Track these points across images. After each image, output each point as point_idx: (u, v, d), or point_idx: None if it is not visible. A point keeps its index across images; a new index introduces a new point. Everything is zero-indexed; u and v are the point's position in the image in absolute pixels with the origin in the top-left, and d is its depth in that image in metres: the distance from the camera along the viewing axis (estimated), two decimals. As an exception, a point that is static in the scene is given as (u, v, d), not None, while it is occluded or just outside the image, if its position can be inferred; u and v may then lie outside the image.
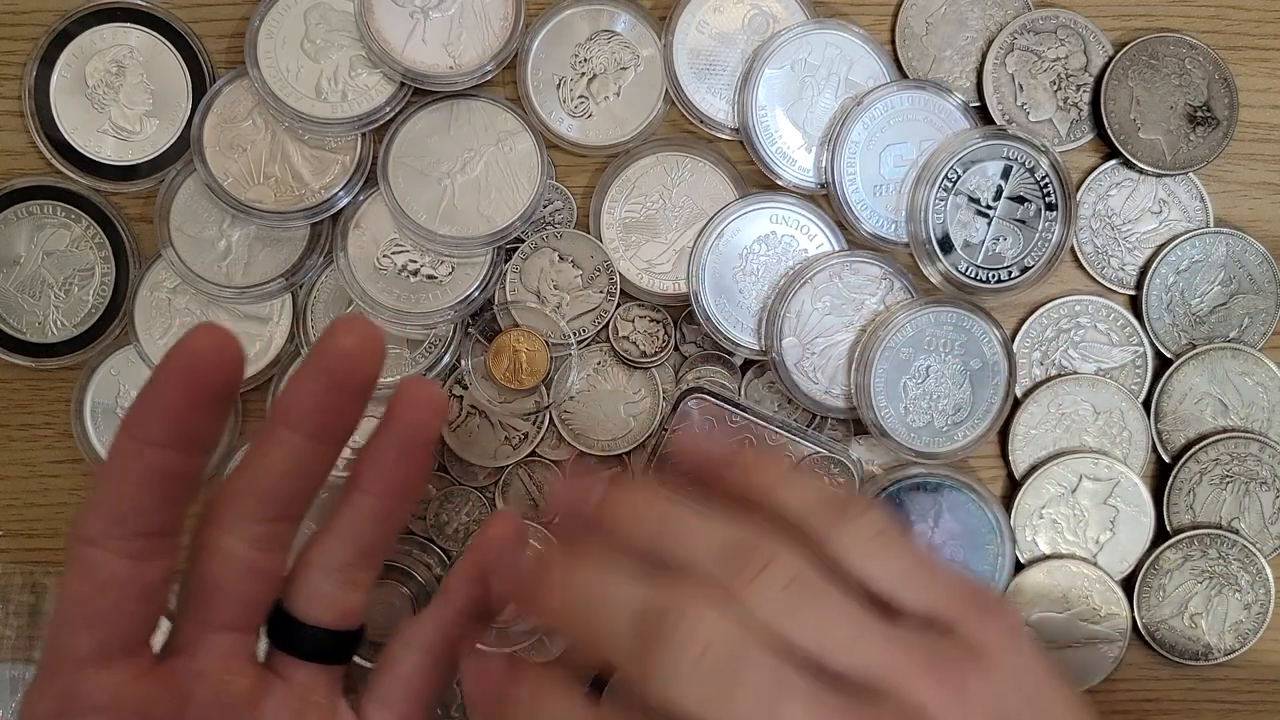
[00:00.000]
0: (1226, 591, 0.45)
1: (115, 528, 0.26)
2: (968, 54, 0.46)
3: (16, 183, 0.44)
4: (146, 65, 0.45)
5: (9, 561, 0.45)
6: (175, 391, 0.25)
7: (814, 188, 0.45)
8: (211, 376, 0.25)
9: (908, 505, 0.44)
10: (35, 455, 0.46)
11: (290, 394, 0.28)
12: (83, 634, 0.26)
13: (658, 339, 0.45)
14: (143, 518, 0.26)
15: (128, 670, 0.27)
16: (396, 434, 0.29)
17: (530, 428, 0.45)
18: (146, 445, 0.25)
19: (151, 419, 0.25)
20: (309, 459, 0.28)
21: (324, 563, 0.30)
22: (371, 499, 0.30)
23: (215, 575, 0.28)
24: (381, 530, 0.30)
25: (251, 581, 0.29)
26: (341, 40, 0.44)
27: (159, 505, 0.26)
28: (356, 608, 0.31)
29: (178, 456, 0.26)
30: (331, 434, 0.28)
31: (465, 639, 0.33)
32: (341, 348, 0.27)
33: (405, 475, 0.30)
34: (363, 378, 0.27)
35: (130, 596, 0.26)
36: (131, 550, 0.26)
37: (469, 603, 0.32)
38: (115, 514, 0.26)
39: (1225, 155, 0.45)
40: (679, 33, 0.45)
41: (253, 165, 0.44)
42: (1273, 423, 0.46)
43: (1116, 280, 0.46)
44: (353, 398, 0.28)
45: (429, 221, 0.44)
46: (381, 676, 0.33)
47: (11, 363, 0.45)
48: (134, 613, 0.27)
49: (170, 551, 0.27)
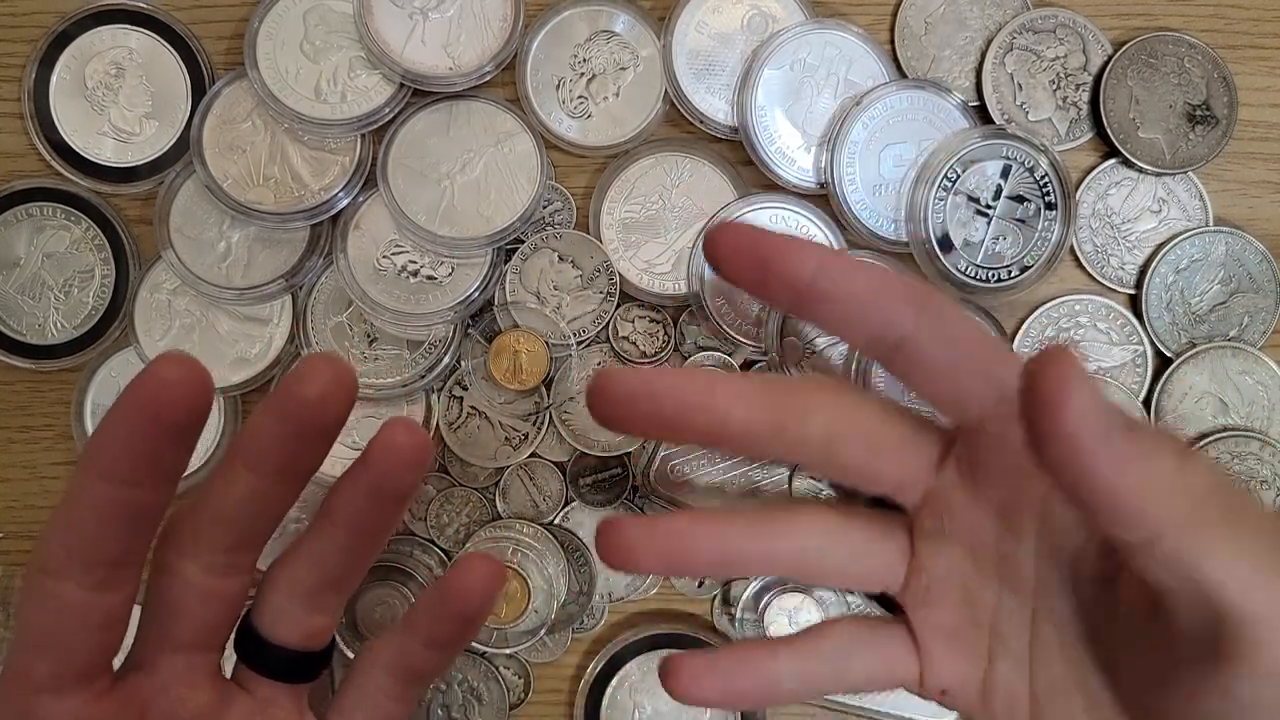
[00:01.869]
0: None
1: (74, 558, 0.25)
2: (967, 54, 0.46)
3: (16, 185, 0.44)
4: (146, 67, 0.45)
5: (9, 564, 0.45)
6: (137, 425, 0.24)
7: (813, 188, 0.45)
8: (176, 411, 0.24)
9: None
10: (35, 457, 0.46)
11: (250, 433, 0.27)
12: (39, 660, 0.26)
13: (658, 339, 0.45)
14: (101, 549, 0.25)
15: (84, 694, 0.27)
16: (370, 478, 0.28)
17: (530, 428, 0.45)
18: (105, 480, 0.24)
19: (111, 453, 0.24)
20: (267, 496, 0.27)
21: (290, 587, 0.29)
22: (341, 533, 0.29)
23: (173, 598, 0.28)
24: (348, 562, 0.30)
25: (209, 605, 0.28)
26: (341, 41, 0.44)
27: (118, 537, 0.25)
28: (323, 630, 0.30)
29: (139, 491, 0.25)
30: (292, 473, 0.27)
31: (426, 667, 0.32)
32: (304, 395, 0.26)
33: (376, 518, 0.29)
34: (325, 424, 0.26)
35: (88, 625, 0.26)
36: (90, 581, 0.25)
37: (430, 638, 0.32)
38: (73, 545, 0.25)
39: (1224, 154, 0.45)
40: (678, 33, 0.45)
41: (252, 166, 0.44)
42: (1273, 421, 0.45)
43: (1116, 279, 0.46)
44: (314, 442, 0.27)
45: (429, 222, 0.44)
46: (348, 691, 0.32)
47: (11, 365, 0.45)
48: (92, 640, 0.26)
49: (131, 580, 0.26)
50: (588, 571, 0.45)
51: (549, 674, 0.46)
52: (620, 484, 0.45)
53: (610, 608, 0.46)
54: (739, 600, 0.45)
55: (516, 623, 0.43)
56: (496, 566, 0.30)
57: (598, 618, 0.46)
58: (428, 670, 0.32)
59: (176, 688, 0.28)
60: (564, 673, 0.46)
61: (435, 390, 0.45)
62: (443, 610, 0.31)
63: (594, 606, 0.45)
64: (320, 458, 0.28)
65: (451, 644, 0.32)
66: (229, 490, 0.27)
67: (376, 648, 0.32)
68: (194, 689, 0.29)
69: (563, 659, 0.46)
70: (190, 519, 0.28)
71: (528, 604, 0.43)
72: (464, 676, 0.45)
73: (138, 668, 0.28)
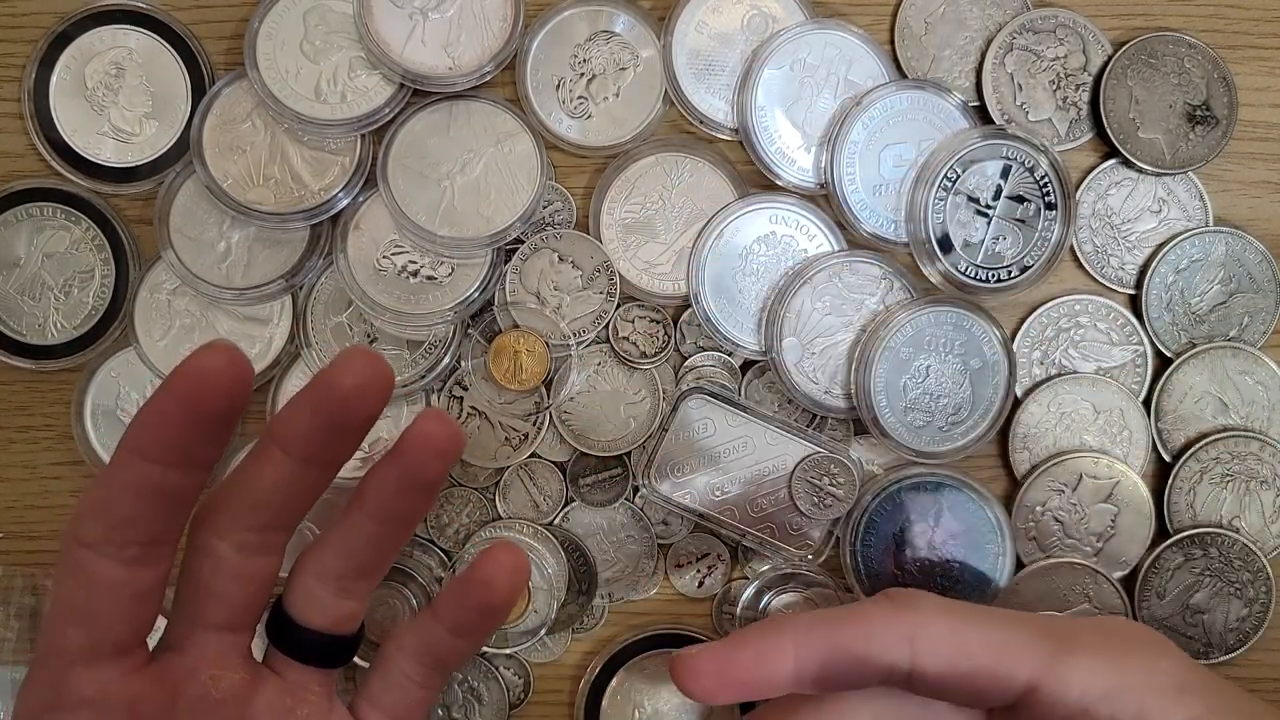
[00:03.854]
0: (1227, 591, 0.45)
1: (111, 533, 0.26)
2: (967, 53, 0.46)
3: (16, 185, 0.44)
4: (146, 67, 0.45)
5: (10, 564, 0.45)
6: (178, 411, 0.25)
7: (813, 188, 0.45)
8: (217, 399, 0.25)
9: (908, 505, 0.44)
10: (35, 457, 0.46)
11: (285, 418, 0.28)
12: (73, 631, 0.26)
13: (658, 339, 0.45)
14: (139, 527, 0.26)
15: (118, 667, 0.27)
16: (401, 468, 0.29)
17: (530, 428, 0.45)
18: (145, 460, 0.25)
19: (152, 435, 0.25)
20: (300, 479, 0.28)
21: (320, 571, 0.30)
22: (370, 523, 0.30)
23: (206, 577, 0.28)
24: (378, 551, 0.30)
25: (242, 585, 0.29)
26: (341, 42, 0.44)
27: (155, 516, 0.26)
28: (353, 614, 0.31)
29: (176, 473, 0.25)
30: (324, 461, 0.28)
31: (452, 655, 0.33)
32: (341, 387, 0.26)
33: (406, 507, 0.30)
34: (359, 418, 0.27)
35: (123, 599, 0.26)
36: (126, 556, 0.26)
37: (455, 625, 0.32)
38: (111, 521, 0.26)
39: (1224, 154, 0.45)
40: (678, 33, 0.45)
41: (252, 167, 0.44)
42: (1273, 421, 0.46)
43: (1116, 279, 0.46)
44: (348, 434, 0.27)
45: (429, 223, 0.44)
46: (374, 677, 0.33)
47: (11, 365, 0.45)
48: (126, 614, 0.27)
49: (165, 559, 0.27)
50: (588, 571, 0.45)
51: (549, 674, 0.46)
52: (620, 484, 0.45)
53: (610, 608, 0.46)
54: (739, 600, 0.45)
55: (516, 623, 0.43)
56: (521, 560, 0.31)
57: (598, 618, 0.46)
58: (454, 657, 0.33)
59: (208, 667, 0.29)
60: (564, 673, 0.46)
61: (435, 390, 0.45)
62: (467, 600, 0.31)
63: (594, 606, 0.45)
64: (353, 448, 0.28)
65: (476, 632, 0.32)
66: (263, 473, 0.28)
67: (402, 634, 0.33)
68: (226, 669, 0.29)
69: (563, 659, 0.46)
70: (224, 500, 0.28)
71: (528, 604, 0.43)
72: (464, 676, 0.45)
73: (170, 648, 0.29)
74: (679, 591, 0.46)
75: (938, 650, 0.30)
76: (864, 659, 0.30)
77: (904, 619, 0.30)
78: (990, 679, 0.30)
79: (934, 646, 0.30)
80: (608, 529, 0.45)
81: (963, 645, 0.30)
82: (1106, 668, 0.30)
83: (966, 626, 0.30)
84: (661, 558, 0.45)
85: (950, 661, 0.30)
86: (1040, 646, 0.30)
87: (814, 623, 0.31)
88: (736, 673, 0.31)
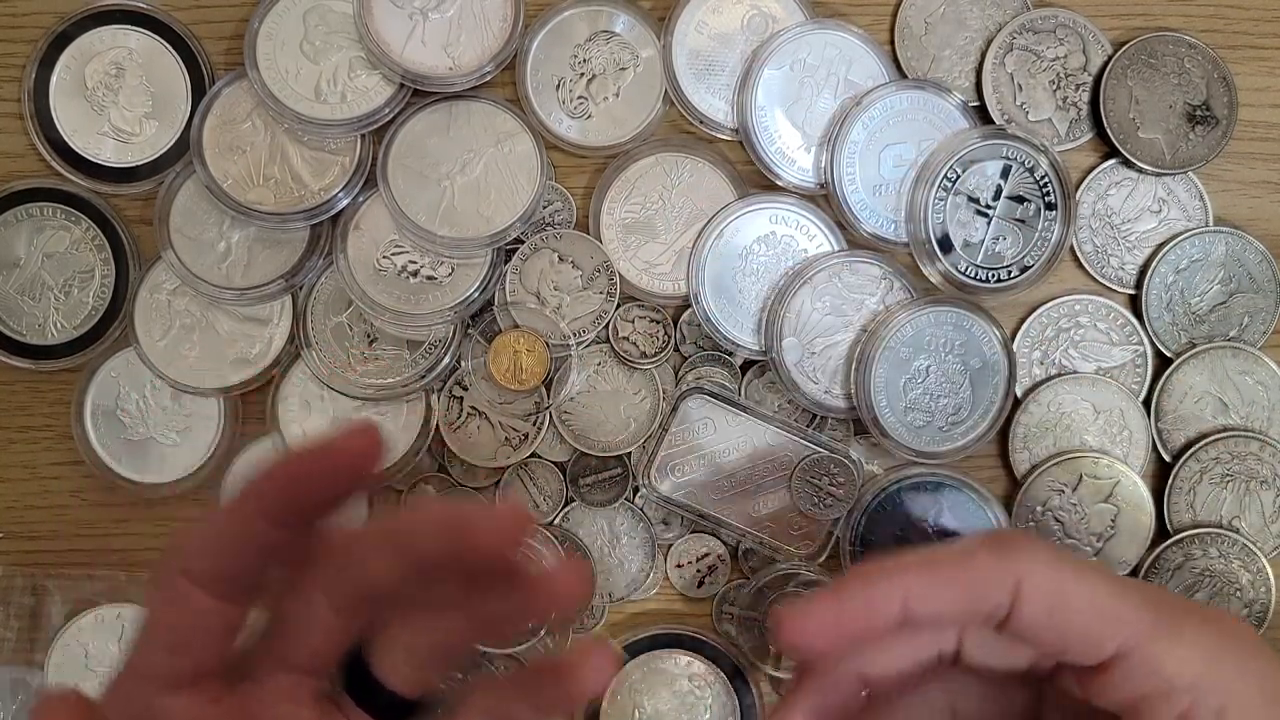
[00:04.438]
0: (1227, 590, 0.45)
1: (215, 572, 0.27)
2: (967, 54, 0.46)
3: (16, 185, 0.44)
4: (146, 67, 0.45)
5: (10, 564, 0.45)
6: (309, 485, 0.26)
7: (813, 188, 0.45)
8: (350, 481, 0.26)
9: (908, 505, 0.44)
10: (35, 457, 0.46)
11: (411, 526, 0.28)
12: (164, 656, 0.28)
13: (658, 339, 0.45)
14: (241, 572, 0.27)
15: (201, 695, 0.28)
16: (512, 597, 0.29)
17: (530, 428, 0.45)
18: (264, 519, 0.26)
19: (278, 499, 0.26)
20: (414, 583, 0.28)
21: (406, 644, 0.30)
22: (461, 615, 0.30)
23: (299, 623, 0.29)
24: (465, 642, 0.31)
25: (328, 638, 0.30)
26: (340, 42, 0.44)
27: (258, 567, 0.28)
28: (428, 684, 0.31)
29: (291, 534, 0.27)
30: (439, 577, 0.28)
31: None
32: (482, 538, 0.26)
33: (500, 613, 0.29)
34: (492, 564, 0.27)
35: (213, 630, 0.28)
36: (222, 592, 0.27)
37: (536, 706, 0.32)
38: (218, 560, 0.27)
39: (1224, 154, 0.45)
40: (678, 33, 0.45)
41: (252, 167, 0.44)
42: (1273, 421, 0.45)
43: (1116, 279, 0.46)
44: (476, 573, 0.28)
45: (429, 223, 0.44)
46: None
47: (11, 365, 0.45)
48: (214, 644, 0.28)
49: (254, 598, 0.28)
50: (588, 571, 0.45)
51: (549, 674, 0.46)
52: (620, 484, 0.45)
53: (610, 608, 0.46)
54: (739, 600, 0.45)
55: (516, 623, 0.43)
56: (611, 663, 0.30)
57: (598, 618, 0.46)
58: None
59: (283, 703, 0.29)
60: (564, 673, 0.46)
61: (435, 390, 0.45)
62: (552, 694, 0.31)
63: (594, 606, 0.45)
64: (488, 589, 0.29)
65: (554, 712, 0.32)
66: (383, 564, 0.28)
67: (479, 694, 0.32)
68: (299, 706, 0.30)
69: (563, 659, 0.45)
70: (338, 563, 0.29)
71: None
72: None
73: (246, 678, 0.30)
74: (679, 591, 0.46)
75: (1038, 603, 0.29)
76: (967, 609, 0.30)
77: (1011, 570, 0.30)
78: (1082, 638, 0.30)
79: (1036, 599, 0.29)
80: (608, 529, 0.45)
81: (1065, 602, 0.30)
82: (1202, 657, 0.29)
83: (1074, 583, 0.30)
84: (661, 558, 0.45)
85: (1049, 616, 0.30)
86: (1143, 619, 0.30)
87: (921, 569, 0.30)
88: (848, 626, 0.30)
